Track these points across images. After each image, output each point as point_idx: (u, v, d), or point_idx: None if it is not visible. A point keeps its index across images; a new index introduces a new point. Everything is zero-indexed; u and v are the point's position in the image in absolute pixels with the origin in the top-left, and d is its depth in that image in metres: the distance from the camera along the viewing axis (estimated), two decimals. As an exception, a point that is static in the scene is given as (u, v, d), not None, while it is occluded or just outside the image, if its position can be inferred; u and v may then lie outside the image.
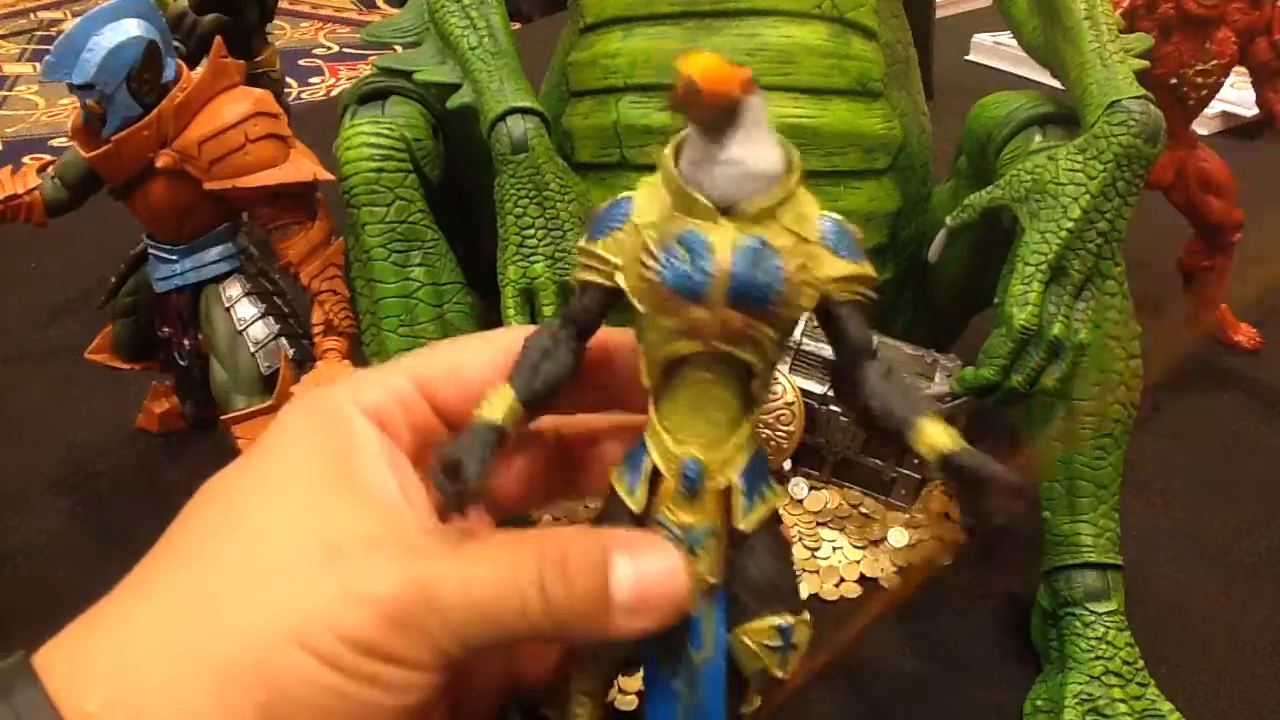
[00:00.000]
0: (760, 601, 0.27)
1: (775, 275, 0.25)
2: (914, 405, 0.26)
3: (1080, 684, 0.42)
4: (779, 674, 0.28)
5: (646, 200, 0.26)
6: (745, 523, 0.27)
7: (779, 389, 0.50)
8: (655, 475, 0.27)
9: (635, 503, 0.27)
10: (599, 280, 0.27)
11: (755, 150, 0.25)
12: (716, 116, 0.25)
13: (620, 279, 0.26)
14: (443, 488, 0.26)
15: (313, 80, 1.33)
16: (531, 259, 0.45)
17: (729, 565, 0.28)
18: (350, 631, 0.24)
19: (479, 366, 0.29)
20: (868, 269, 0.26)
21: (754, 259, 0.25)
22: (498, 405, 0.27)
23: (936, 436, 0.26)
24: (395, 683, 0.24)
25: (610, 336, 0.29)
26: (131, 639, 0.24)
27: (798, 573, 0.42)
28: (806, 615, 0.28)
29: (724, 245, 0.25)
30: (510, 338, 0.29)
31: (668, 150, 0.26)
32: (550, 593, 0.25)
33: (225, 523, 0.26)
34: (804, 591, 0.48)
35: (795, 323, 0.26)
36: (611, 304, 0.27)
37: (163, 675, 0.23)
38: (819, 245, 0.26)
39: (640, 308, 0.26)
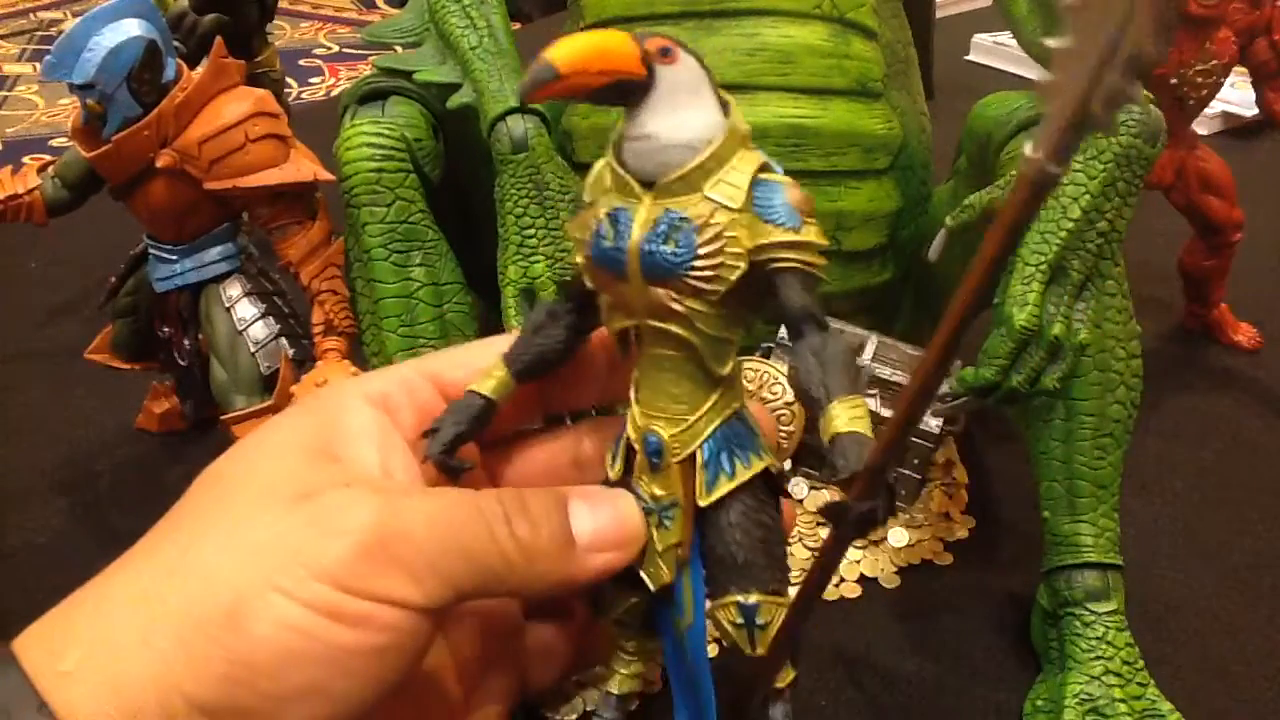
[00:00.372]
0: (725, 577, 0.27)
1: (687, 248, 0.25)
2: (830, 386, 0.25)
3: (1080, 684, 0.42)
4: (748, 651, 0.28)
5: (596, 176, 0.27)
6: (704, 498, 0.27)
7: (779, 389, 0.50)
8: (631, 447, 0.28)
9: (613, 472, 0.28)
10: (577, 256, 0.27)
11: (671, 121, 0.25)
12: (612, 93, 0.25)
13: (578, 255, 0.27)
14: (426, 452, 0.28)
15: (313, 80, 1.33)
16: (532, 259, 0.45)
17: (702, 540, 0.28)
18: (323, 565, 0.24)
19: (490, 357, 0.29)
20: (806, 235, 0.25)
21: (666, 232, 0.25)
22: (488, 379, 0.29)
23: (834, 419, 0.24)
24: (373, 621, 0.24)
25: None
26: (110, 604, 0.24)
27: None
28: (785, 598, 0.27)
29: (641, 220, 0.25)
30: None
31: (615, 128, 0.26)
32: (517, 530, 0.26)
33: (210, 499, 0.26)
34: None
35: (733, 294, 0.25)
36: None
37: (137, 631, 0.23)
38: (749, 213, 0.25)
39: (587, 282, 0.27)
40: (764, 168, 0.26)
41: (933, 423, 0.49)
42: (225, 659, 0.23)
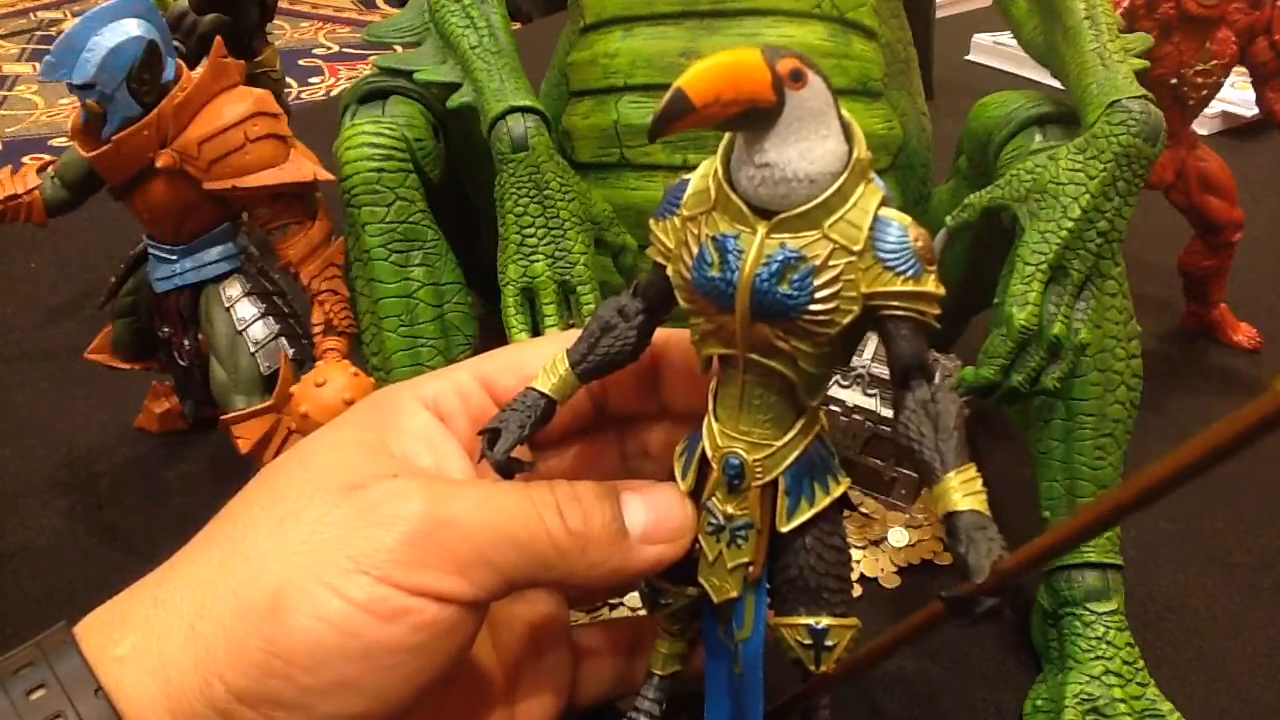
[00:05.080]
0: (795, 598, 0.27)
1: (803, 290, 0.23)
2: (944, 452, 0.24)
3: (1080, 684, 0.42)
4: (812, 669, 0.28)
5: (698, 190, 0.25)
6: (785, 525, 0.27)
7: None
8: (705, 462, 0.27)
9: (684, 485, 0.28)
10: (660, 260, 0.26)
11: (795, 151, 0.23)
12: (740, 121, 0.23)
13: (669, 268, 0.26)
14: (484, 453, 0.27)
15: (313, 80, 1.32)
16: (532, 258, 0.45)
17: (772, 558, 0.28)
18: (370, 556, 0.23)
19: (539, 361, 0.29)
20: (926, 285, 0.24)
21: (781, 271, 0.23)
22: (549, 376, 0.28)
23: (950, 494, 0.24)
24: (413, 616, 0.24)
25: (669, 335, 0.29)
26: (167, 591, 0.25)
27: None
28: (852, 620, 0.28)
29: (753, 253, 0.23)
30: (569, 339, 0.29)
31: (723, 142, 0.25)
32: (569, 519, 0.26)
33: (265, 490, 0.27)
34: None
35: (839, 336, 0.24)
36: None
37: (187, 617, 0.24)
38: (870, 256, 0.24)
39: (680, 301, 0.26)
40: (883, 202, 0.24)
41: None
42: (263, 649, 0.23)
